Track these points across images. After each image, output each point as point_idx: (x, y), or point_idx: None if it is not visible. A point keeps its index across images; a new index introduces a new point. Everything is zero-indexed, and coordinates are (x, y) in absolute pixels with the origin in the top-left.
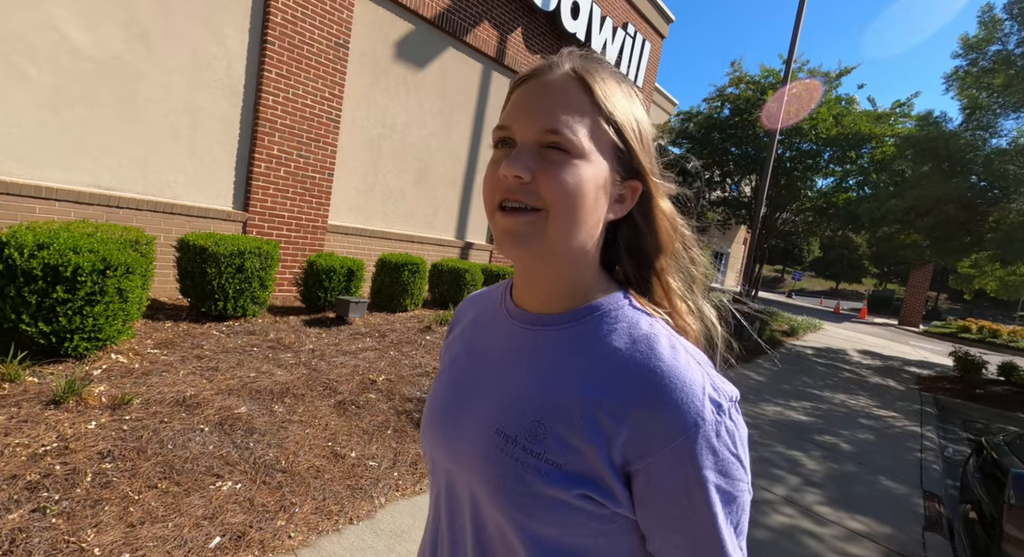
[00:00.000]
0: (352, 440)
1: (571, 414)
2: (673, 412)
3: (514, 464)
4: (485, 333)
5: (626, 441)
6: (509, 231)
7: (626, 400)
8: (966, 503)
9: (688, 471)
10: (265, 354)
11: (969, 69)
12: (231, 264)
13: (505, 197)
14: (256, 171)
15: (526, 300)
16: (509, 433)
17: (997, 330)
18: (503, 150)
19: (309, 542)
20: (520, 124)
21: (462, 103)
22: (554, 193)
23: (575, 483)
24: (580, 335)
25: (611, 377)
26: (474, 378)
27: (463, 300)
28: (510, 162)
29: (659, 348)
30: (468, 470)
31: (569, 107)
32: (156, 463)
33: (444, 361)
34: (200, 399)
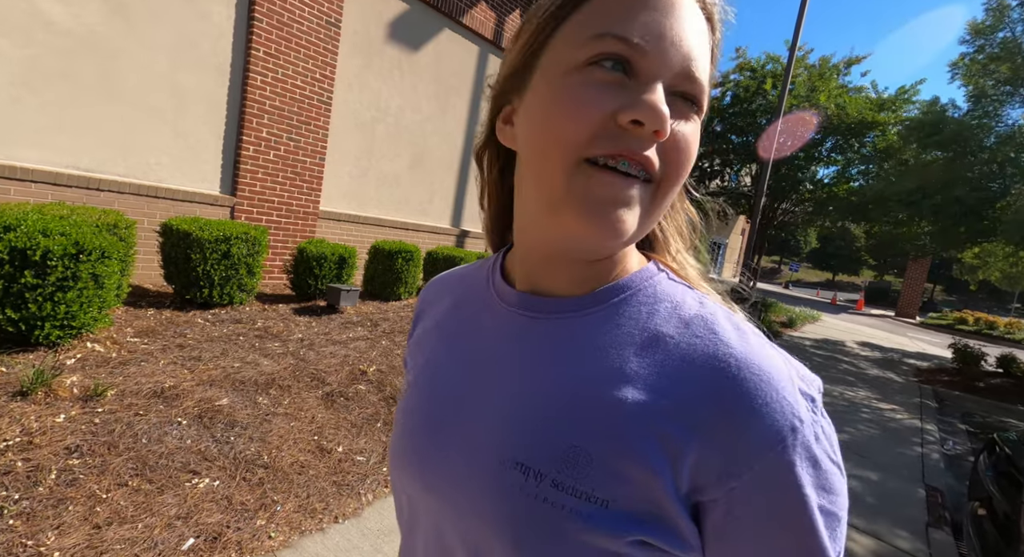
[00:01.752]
0: (339, 434)
1: (619, 431)
2: (762, 416)
3: (542, 508)
4: (470, 326)
5: (697, 461)
6: (618, 200)
7: (694, 405)
8: (975, 500)
9: (787, 493)
10: (251, 343)
11: (975, 56)
12: (216, 250)
13: (619, 152)
14: (244, 154)
15: (535, 280)
16: (532, 465)
17: (994, 322)
18: (608, 74)
19: (291, 543)
20: (656, 46)
21: (458, 87)
22: (680, 161)
23: (628, 526)
24: (612, 322)
25: (668, 375)
26: (464, 389)
27: (427, 283)
28: (654, 105)
29: (721, 332)
30: (469, 516)
31: (701, 42)
32: (128, 459)
33: (414, 365)
34: (180, 390)
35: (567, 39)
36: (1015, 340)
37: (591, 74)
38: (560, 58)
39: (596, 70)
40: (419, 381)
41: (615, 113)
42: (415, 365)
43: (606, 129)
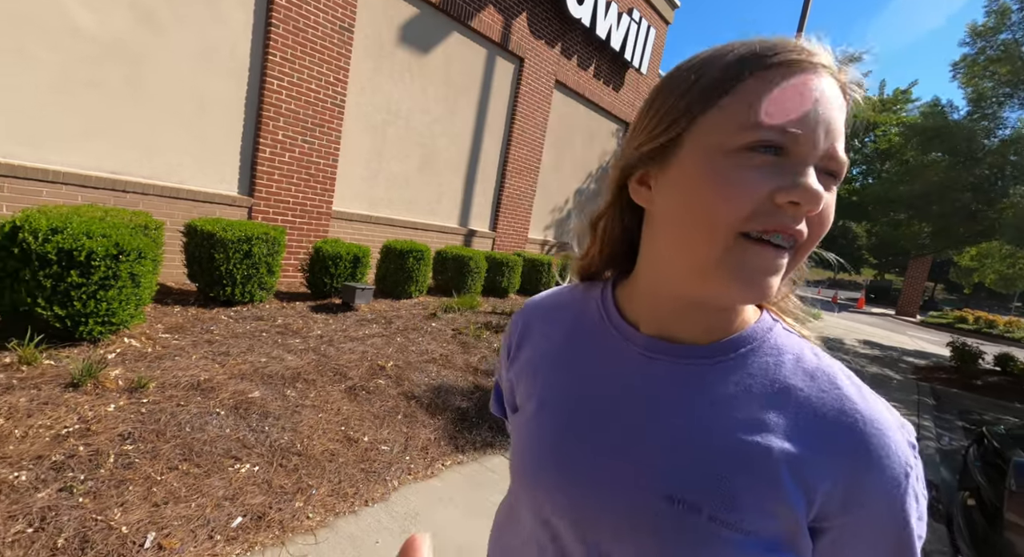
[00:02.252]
0: (364, 425)
1: (769, 474)
2: (885, 466)
3: (694, 537)
4: (594, 361)
5: (826, 497)
6: (770, 270)
7: (829, 452)
8: (965, 490)
9: (899, 525)
10: (274, 339)
11: (975, 58)
12: (239, 250)
13: (775, 228)
14: (261, 156)
15: (662, 325)
16: (687, 499)
17: (993, 321)
18: (765, 156)
19: (327, 523)
20: (807, 135)
21: (466, 89)
22: (822, 229)
23: (766, 551)
24: (742, 371)
25: (803, 425)
26: (600, 424)
27: (522, 310)
28: (810, 188)
29: (845, 388)
30: (612, 535)
31: (842, 120)
32: (176, 445)
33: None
34: (214, 383)
35: (720, 123)
36: (1014, 339)
37: (749, 159)
38: (713, 140)
39: (753, 155)
40: (548, 404)
41: (772, 193)
42: (534, 388)
43: (763, 207)
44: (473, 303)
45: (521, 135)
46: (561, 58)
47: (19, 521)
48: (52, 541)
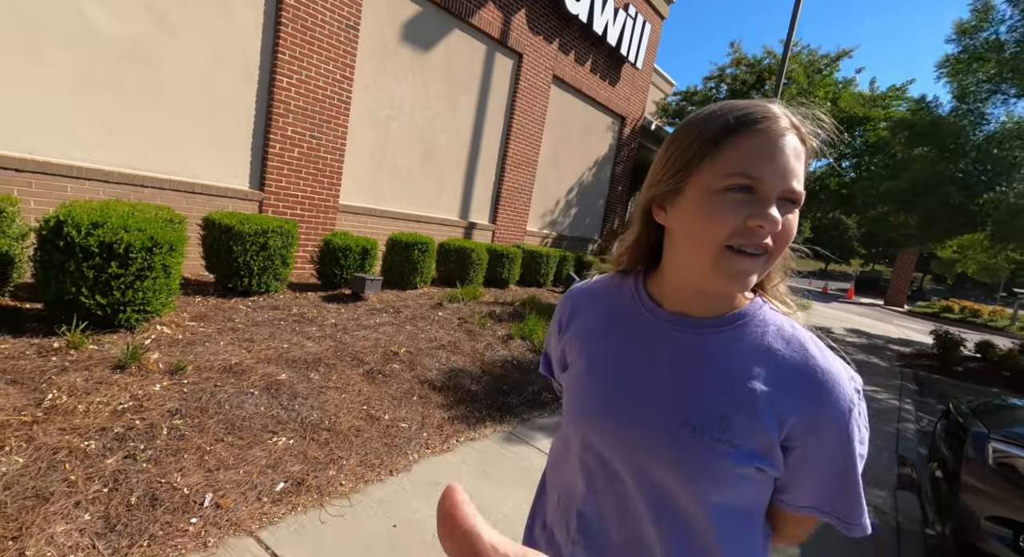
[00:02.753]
0: (383, 405)
1: (753, 408)
2: (834, 405)
3: (703, 449)
4: (628, 331)
5: (794, 424)
6: (746, 271)
7: (796, 394)
8: (933, 462)
9: (843, 444)
10: (292, 327)
11: (960, 55)
12: (255, 242)
13: (747, 242)
14: (271, 152)
15: (682, 306)
16: (697, 424)
17: (978, 310)
18: (739, 195)
19: (358, 489)
20: (771, 178)
21: (466, 85)
22: (785, 241)
23: (752, 459)
24: (740, 338)
25: (781, 376)
26: (637, 375)
27: (572, 290)
28: (770, 214)
29: (810, 349)
30: (645, 454)
31: (798, 162)
32: (219, 421)
33: (582, 351)
34: (244, 367)
35: (710, 172)
36: (998, 327)
37: (729, 196)
38: (705, 183)
39: (732, 194)
40: (594, 362)
41: (746, 220)
42: (583, 350)
43: (739, 229)
44: (476, 294)
45: (520, 130)
46: (559, 53)
47: (96, 482)
48: (126, 499)
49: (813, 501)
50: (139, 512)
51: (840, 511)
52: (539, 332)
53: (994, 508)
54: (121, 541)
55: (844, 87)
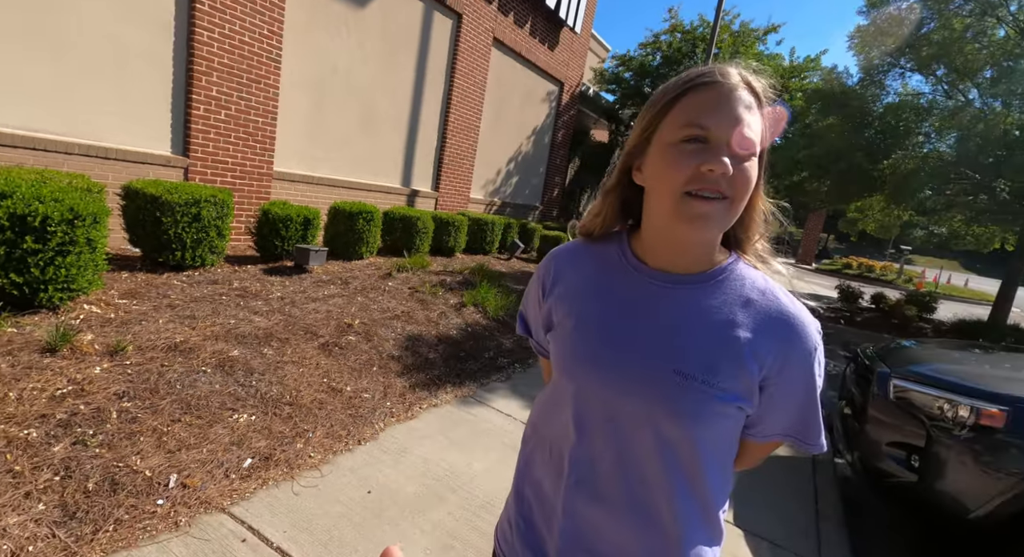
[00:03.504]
0: (344, 377)
1: (736, 354)
2: (803, 345)
3: (694, 394)
4: (616, 287)
5: (770, 365)
6: (704, 215)
7: (772, 337)
8: (842, 401)
9: (808, 379)
10: (236, 302)
11: (867, 28)
12: (187, 213)
13: (702, 188)
14: (195, 114)
15: (664, 262)
16: (687, 372)
17: (872, 266)
18: (693, 145)
19: (328, 460)
20: (717, 127)
21: (404, 45)
22: (742, 185)
23: (735, 400)
24: (721, 291)
25: (759, 322)
26: (626, 327)
27: (554, 254)
28: (718, 159)
29: (782, 298)
30: (641, 400)
31: (749, 113)
32: (172, 401)
33: (571, 309)
34: (191, 345)
35: (668, 126)
36: (887, 280)
37: (684, 146)
38: (665, 137)
39: (687, 145)
40: (584, 318)
41: (699, 166)
42: (571, 309)
43: (695, 175)
44: (424, 263)
45: (461, 93)
46: (498, 15)
47: (44, 471)
48: (82, 485)
49: (781, 430)
50: (99, 498)
51: (803, 434)
52: (491, 300)
53: (893, 435)
54: (84, 528)
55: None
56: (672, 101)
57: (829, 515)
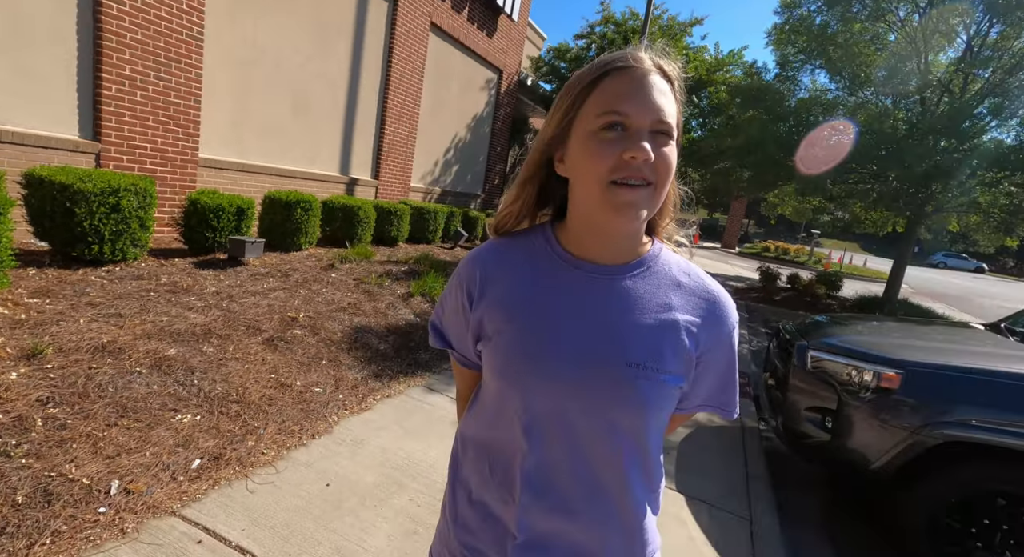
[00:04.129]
0: (292, 371)
1: (676, 336)
2: (728, 321)
3: (647, 382)
4: (552, 286)
5: (703, 342)
6: (631, 203)
7: (703, 318)
8: (766, 372)
9: (730, 353)
10: (167, 298)
11: (782, 26)
12: (104, 203)
13: (627, 175)
14: (106, 94)
15: (594, 254)
16: (638, 361)
17: (787, 249)
18: (612, 133)
19: (282, 456)
20: (636, 113)
21: (339, 28)
22: (664, 170)
23: (680, 380)
24: (653, 278)
25: (690, 304)
26: (571, 326)
27: (475, 257)
28: (641, 146)
29: (705, 279)
30: (596, 396)
31: (665, 98)
32: (106, 405)
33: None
34: (120, 345)
35: (587, 114)
36: (800, 262)
37: (604, 135)
38: (585, 126)
39: (607, 132)
40: (524, 321)
41: (620, 154)
42: (509, 314)
43: (618, 163)
44: (367, 253)
45: (399, 80)
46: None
47: None
48: (10, 499)
49: (704, 400)
50: (31, 510)
51: (724, 402)
52: (439, 289)
53: (811, 401)
54: (16, 543)
55: (696, 53)
56: (588, 88)
57: (758, 475)
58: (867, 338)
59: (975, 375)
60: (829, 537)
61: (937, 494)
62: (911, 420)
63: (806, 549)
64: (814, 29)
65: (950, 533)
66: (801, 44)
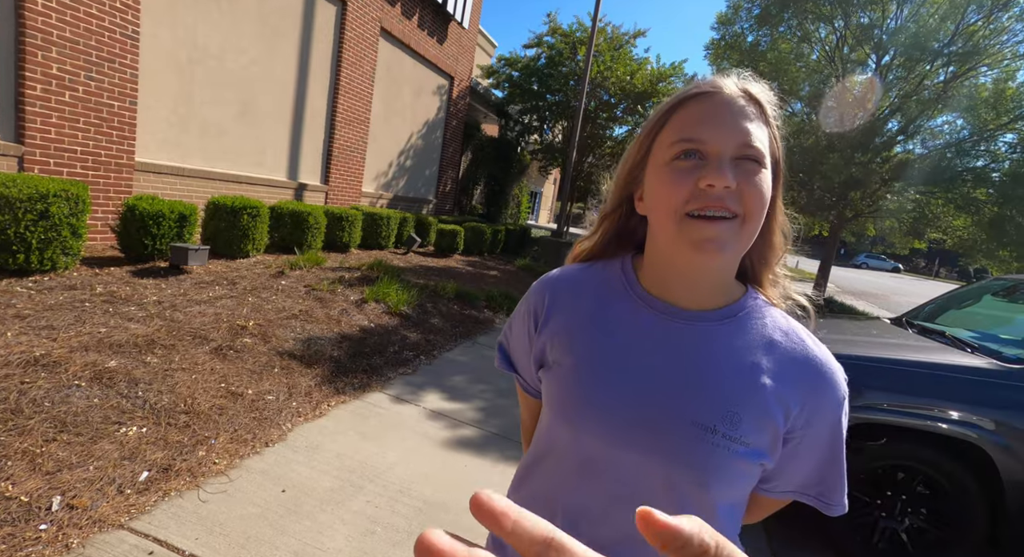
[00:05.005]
0: (243, 380)
1: (761, 402)
2: (832, 394)
3: (714, 448)
4: (622, 323)
5: (795, 416)
6: (712, 238)
7: (800, 387)
8: None
9: (835, 433)
10: (104, 309)
11: (719, 42)
12: (32, 210)
13: (706, 206)
14: (30, 94)
15: (676, 296)
16: (707, 424)
17: None
18: (688, 161)
19: (235, 465)
20: (715, 137)
21: (285, 30)
22: (754, 200)
23: (759, 455)
24: (742, 331)
25: (784, 368)
26: (635, 369)
27: (546, 280)
28: (719, 173)
29: (807, 341)
30: (651, 453)
31: (752, 122)
32: (43, 420)
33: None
34: (55, 358)
35: (661, 145)
36: None
37: (678, 163)
38: (659, 157)
39: (681, 162)
40: (587, 358)
41: (697, 181)
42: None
43: (694, 193)
44: (318, 259)
45: (349, 84)
46: (385, 4)
47: None
48: None
49: (798, 486)
50: None
51: (824, 494)
52: (393, 294)
53: None
54: None
55: (640, 65)
56: (663, 118)
57: None
58: None
59: (879, 363)
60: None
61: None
62: None
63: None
64: (746, 46)
65: (860, 505)
66: (735, 59)
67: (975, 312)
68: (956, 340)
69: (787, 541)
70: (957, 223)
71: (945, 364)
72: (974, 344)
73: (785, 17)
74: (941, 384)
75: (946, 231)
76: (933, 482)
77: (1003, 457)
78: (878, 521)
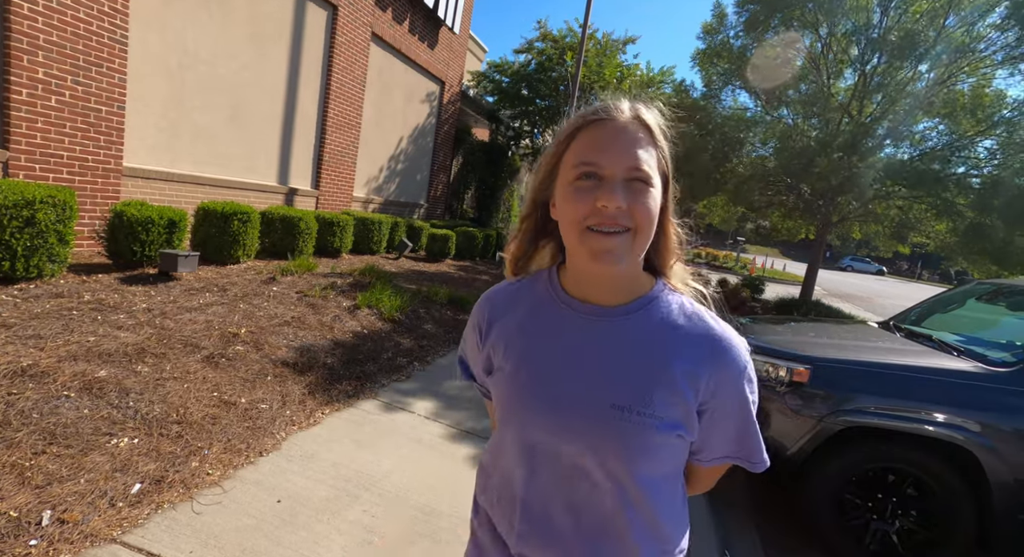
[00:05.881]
0: (236, 389)
1: (670, 381)
2: (733, 365)
3: (630, 425)
4: (549, 325)
5: (703, 389)
6: (608, 250)
7: (703, 362)
8: None
9: (742, 398)
10: (92, 317)
11: (706, 50)
12: (17, 216)
13: (601, 223)
14: (16, 99)
15: (592, 295)
16: (623, 405)
17: (716, 255)
18: (589, 181)
19: (228, 475)
20: (609, 162)
21: (276, 36)
22: (641, 216)
23: (673, 427)
24: (649, 319)
25: (688, 348)
26: (561, 366)
27: (486, 297)
28: (611, 195)
29: (708, 320)
30: (581, 437)
31: (641, 146)
32: (31, 432)
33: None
34: (43, 368)
35: (566, 165)
36: (728, 267)
37: (580, 184)
38: (565, 175)
39: (582, 182)
40: (521, 361)
41: (594, 201)
42: (508, 353)
43: (593, 211)
44: (309, 265)
45: (340, 88)
46: (376, 9)
47: None
48: None
49: (724, 452)
50: None
51: (746, 454)
52: (386, 300)
53: None
54: None
55: (629, 71)
56: (567, 140)
57: None
58: (783, 337)
59: (868, 368)
60: (755, 524)
61: (841, 474)
62: (819, 409)
63: (735, 532)
64: (734, 52)
65: (852, 508)
66: (723, 66)
67: (960, 316)
68: (943, 344)
69: (779, 544)
70: (939, 228)
71: (932, 368)
72: (960, 348)
73: (772, 24)
74: (928, 387)
75: (928, 235)
76: (923, 484)
77: (989, 458)
78: (869, 523)
